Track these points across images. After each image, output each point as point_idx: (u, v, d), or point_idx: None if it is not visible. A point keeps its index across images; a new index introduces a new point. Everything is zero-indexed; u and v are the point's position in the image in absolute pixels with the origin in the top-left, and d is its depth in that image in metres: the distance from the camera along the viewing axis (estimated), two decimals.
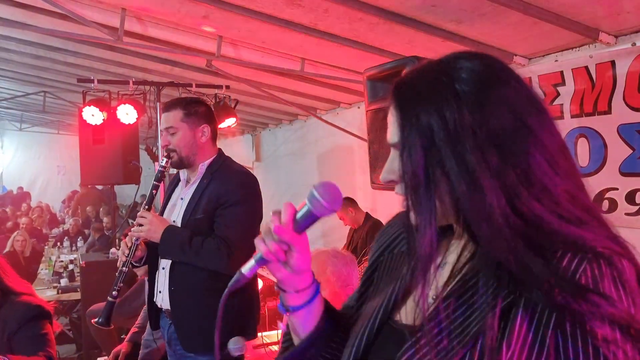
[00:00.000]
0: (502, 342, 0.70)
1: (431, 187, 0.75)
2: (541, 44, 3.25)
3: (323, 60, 4.19)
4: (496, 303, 0.72)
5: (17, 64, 6.44)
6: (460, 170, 0.73)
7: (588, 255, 0.69)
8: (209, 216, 2.27)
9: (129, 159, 5.08)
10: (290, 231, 0.85)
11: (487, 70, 0.77)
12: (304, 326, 0.95)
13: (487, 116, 0.73)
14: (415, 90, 0.79)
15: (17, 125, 13.57)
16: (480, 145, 0.72)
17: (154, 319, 2.48)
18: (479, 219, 0.73)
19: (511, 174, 0.72)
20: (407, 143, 0.77)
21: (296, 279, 0.90)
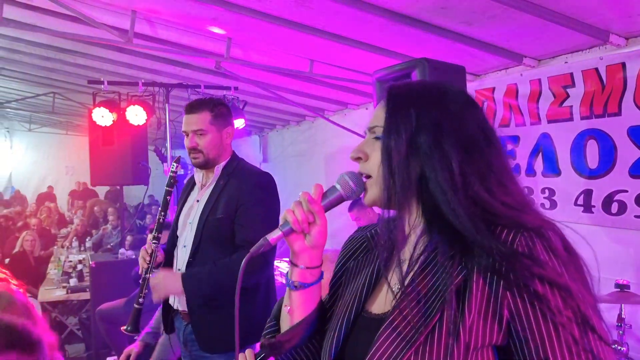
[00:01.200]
0: (464, 308, 0.85)
1: (409, 165, 0.93)
2: (551, 46, 3.24)
3: (332, 62, 4.20)
4: (453, 278, 0.86)
5: (27, 66, 6.48)
6: (438, 154, 0.92)
7: (521, 230, 0.86)
8: (228, 216, 2.27)
9: (137, 160, 5.11)
10: (320, 204, 0.99)
11: (469, 97, 1.01)
12: (304, 306, 1.04)
13: (464, 125, 0.94)
14: (410, 92, 1.00)
15: (26, 126, 13.67)
16: (455, 142, 0.92)
17: (168, 322, 2.48)
18: (447, 191, 0.90)
19: (473, 167, 0.92)
20: (392, 127, 0.95)
21: (311, 254, 1.01)
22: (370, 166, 0.99)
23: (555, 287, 0.83)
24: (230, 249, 2.28)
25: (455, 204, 0.90)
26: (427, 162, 0.92)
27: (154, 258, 2.35)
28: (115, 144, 4.99)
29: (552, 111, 3.36)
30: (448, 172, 0.91)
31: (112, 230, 8.22)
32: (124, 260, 4.97)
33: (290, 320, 1.04)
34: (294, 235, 0.99)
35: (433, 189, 0.92)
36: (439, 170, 0.91)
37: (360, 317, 1.00)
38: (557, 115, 3.33)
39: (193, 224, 2.36)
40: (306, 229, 0.98)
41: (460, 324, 0.84)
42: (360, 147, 1.01)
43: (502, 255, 0.84)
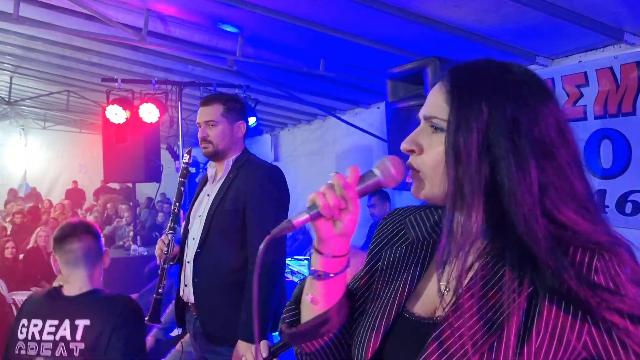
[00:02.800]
0: (532, 328, 0.77)
1: (480, 169, 0.81)
2: (564, 45, 3.22)
3: (344, 60, 4.20)
4: (520, 292, 0.78)
5: (43, 64, 6.55)
6: (515, 157, 0.80)
7: (597, 251, 0.77)
8: (236, 208, 2.31)
9: (150, 157, 5.15)
10: (354, 190, 0.87)
11: (547, 88, 0.87)
12: (328, 296, 0.94)
13: (542, 123, 0.82)
14: (479, 78, 0.86)
15: (41, 124, 13.82)
16: (533, 145, 0.81)
17: (179, 316, 2.51)
18: (523, 205, 0.79)
19: (551, 175, 0.81)
20: (461, 123, 0.82)
21: (339, 242, 0.90)
22: (424, 162, 0.87)
23: (633, 318, 0.76)
24: (238, 241, 2.31)
25: (531, 219, 0.79)
26: (501, 167, 0.80)
27: (171, 248, 2.39)
28: (128, 141, 5.03)
29: (566, 110, 3.32)
30: (525, 182, 0.79)
31: (126, 226, 8.28)
32: (136, 257, 5.01)
33: (314, 310, 0.94)
34: (322, 221, 0.87)
35: (506, 198, 0.80)
36: (515, 178, 0.79)
37: (402, 316, 0.91)
38: (570, 115, 3.27)
39: (202, 217, 2.39)
40: (336, 215, 0.86)
41: (525, 344, 0.76)
42: (414, 138, 0.88)
43: (578, 284, 0.76)
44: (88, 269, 2.06)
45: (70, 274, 2.05)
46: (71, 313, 1.94)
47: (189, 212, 2.55)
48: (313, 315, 0.95)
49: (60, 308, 1.96)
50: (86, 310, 1.95)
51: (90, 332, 1.89)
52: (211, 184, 2.50)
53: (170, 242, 2.41)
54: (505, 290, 0.79)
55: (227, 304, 2.29)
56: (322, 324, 0.94)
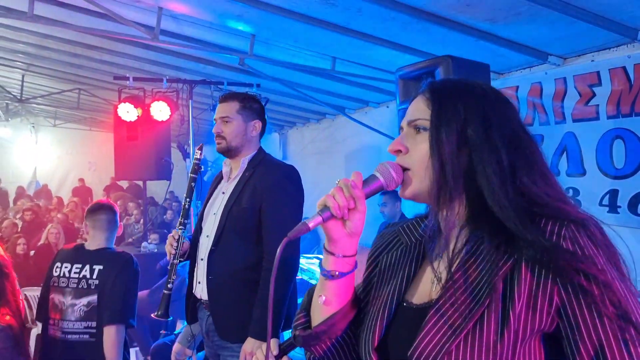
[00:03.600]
0: (513, 295, 0.86)
1: (459, 157, 0.94)
2: (577, 44, 3.21)
3: (354, 59, 4.21)
4: (500, 266, 0.88)
5: (55, 62, 6.61)
6: (488, 146, 0.94)
7: (565, 222, 0.88)
8: (253, 207, 2.32)
9: (160, 155, 5.18)
10: (361, 189, 0.96)
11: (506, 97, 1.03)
12: (340, 296, 1.02)
13: (508, 120, 0.98)
14: (454, 87, 1.01)
15: (51, 122, 13.92)
16: (503, 135, 0.95)
17: (190, 313, 2.53)
18: (492, 179, 0.92)
19: (521, 160, 0.95)
20: (442, 120, 0.96)
21: (348, 242, 0.99)
22: (411, 159, 0.98)
23: (598, 282, 0.84)
24: (253, 239, 2.32)
25: (502, 196, 0.91)
26: (476, 154, 0.94)
27: (181, 244, 2.40)
28: (139, 139, 5.06)
29: (578, 110, 3.32)
30: (497, 164, 0.93)
31: (135, 224, 8.34)
32: (146, 254, 5.04)
33: (326, 310, 1.02)
34: (333, 222, 0.96)
35: (480, 180, 0.93)
36: (488, 162, 0.93)
37: (401, 307, 1.00)
38: (582, 115, 3.30)
39: (217, 215, 2.40)
40: (346, 215, 0.95)
41: (510, 310, 0.85)
42: (400, 140, 1.00)
43: (544, 248, 0.86)
44: (107, 233, 2.89)
45: (94, 235, 2.87)
46: (91, 260, 2.79)
47: (203, 210, 2.56)
48: (325, 316, 1.02)
49: (84, 257, 2.81)
50: (101, 259, 2.79)
51: (103, 273, 2.74)
52: (226, 182, 2.51)
53: (180, 238, 2.42)
54: (485, 263, 0.90)
55: (240, 301, 2.30)
56: (335, 324, 1.02)
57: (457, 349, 0.86)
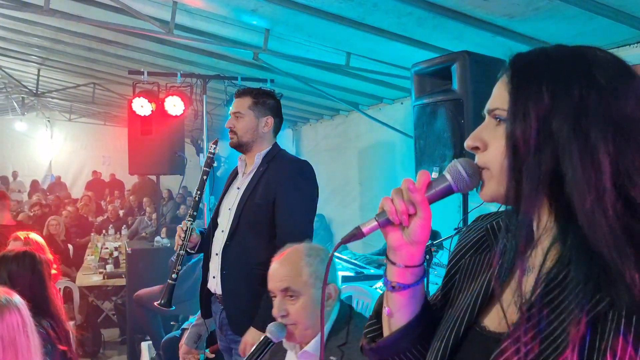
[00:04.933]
0: (606, 348, 0.67)
1: (541, 158, 0.74)
2: (596, 40, 3.15)
3: (369, 55, 4.18)
4: (587, 307, 0.69)
5: (70, 56, 6.66)
6: (579, 145, 0.72)
7: None
8: (266, 202, 2.32)
9: (174, 150, 5.19)
10: (423, 194, 0.83)
11: (624, 65, 0.78)
12: (405, 309, 0.91)
13: (617, 104, 0.73)
14: (541, 61, 0.79)
15: (66, 116, 14.06)
16: (605, 127, 0.72)
17: (204, 307, 2.55)
18: (586, 196, 0.71)
19: (630, 161, 0.72)
20: (519, 110, 0.76)
21: (410, 251, 0.87)
22: (489, 157, 0.81)
23: None
24: (267, 235, 2.32)
25: (598, 214, 0.70)
26: (564, 155, 0.73)
27: (189, 235, 2.40)
28: (153, 133, 5.08)
29: None
30: (592, 169, 0.71)
31: (148, 220, 8.39)
32: (159, 248, 5.06)
33: (390, 323, 0.92)
34: (391, 228, 0.85)
35: (570, 190, 0.73)
36: (579, 166, 0.72)
37: (473, 330, 0.84)
38: None
39: (232, 210, 2.42)
40: (405, 221, 0.83)
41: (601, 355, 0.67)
42: (477, 134, 0.83)
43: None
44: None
45: None
46: None
47: (218, 205, 2.57)
48: (391, 329, 0.92)
49: None
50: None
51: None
52: (241, 177, 2.52)
53: (188, 230, 2.42)
54: (571, 300, 0.72)
55: (254, 296, 2.30)
56: (401, 339, 0.91)
57: None
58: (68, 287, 5.59)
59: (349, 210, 6.63)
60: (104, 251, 6.75)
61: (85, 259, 6.94)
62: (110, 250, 6.77)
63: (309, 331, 1.68)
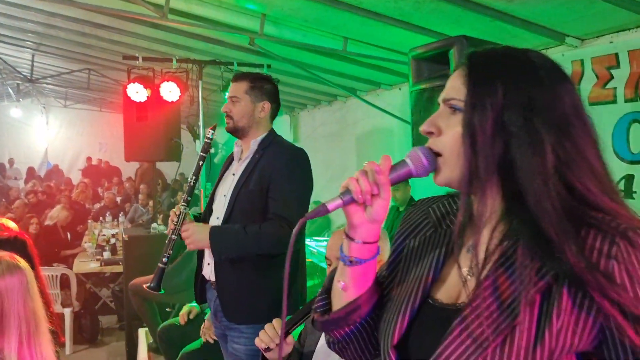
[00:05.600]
0: (552, 311, 0.78)
1: (494, 146, 0.84)
2: (596, 24, 3.12)
3: (366, 40, 4.14)
4: (538, 277, 0.80)
5: (64, 41, 6.59)
6: (529, 135, 0.83)
7: (616, 238, 0.77)
8: (261, 189, 2.31)
9: (170, 136, 5.15)
10: (386, 175, 0.90)
11: (563, 70, 0.90)
12: (359, 283, 0.97)
13: (558, 102, 0.85)
14: (496, 61, 0.90)
15: (62, 102, 13.98)
16: (548, 121, 0.83)
17: (199, 293, 2.54)
18: (534, 179, 0.81)
19: (568, 151, 0.83)
20: (477, 102, 0.85)
21: (369, 228, 0.93)
22: (443, 143, 0.89)
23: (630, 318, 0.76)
24: (261, 221, 2.31)
25: (544, 196, 0.81)
26: (515, 144, 0.83)
27: (181, 220, 2.39)
28: (149, 120, 5.03)
29: (595, 93, 3.24)
30: (539, 157, 0.82)
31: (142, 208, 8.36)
32: (156, 235, 5.05)
33: (345, 296, 0.97)
34: (354, 206, 0.91)
35: (520, 175, 0.83)
36: (529, 154, 0.82)
37: (426, 303, 0.92)
38: (599, 98, 3.22)
39: (227, 196, 2.40)
40: (368, 201, 0.89)
41: (546, 328, 0.78)
42: (432, 120, 0.91)
43: (580, 269, 0.77)
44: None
45: None
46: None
47: (214, 191, 2.55)
48: (344, 302, 0.98)
49: None
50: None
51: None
52: (237, 163, 2.50)
53: (182, 214, 2.40)
54: (521, 272, 0.81)
55: (248, 283, 2.31)
56: (353, 311, 0.97)
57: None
58: (65, 274, 5.59)
59: None
60: (101, 238, 6.75)
61: (83, 246, 6.94)
62: (108, 237, 6.76)
63: None
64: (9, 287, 1.71)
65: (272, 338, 1.65)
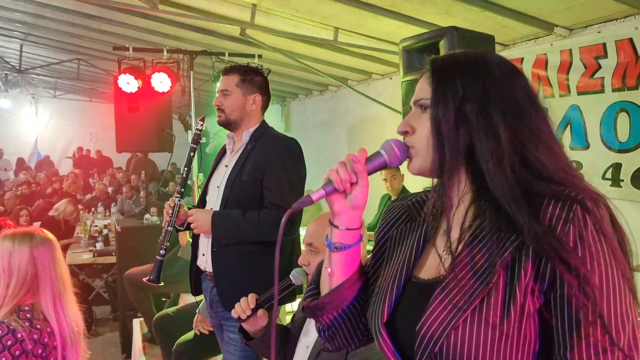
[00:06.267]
0: (520, 272, 0.87)
1: (458, 135, 0.94)
2: (584, 15, 3.16)
3: (357, 30, 4.15)
4: (505, 245, 0.89)
5: (53, 32, 6.54)
6: (485, 122, 0.93)
7: (571, 204, 0.86)
8: (254, 180, 2.34)
9: (162, 127, 5.15)
10: (363, 165, 0.99)
11: (513, 65, 1.01)
12: (344, 268, 1.05)
13: (510, 92, 0.95)
14: (454, 62, 1.00)
15: (51, 93, 13.85)
16: (503, 109, 0.93)
17: (194, 285, 2.57)
18: (489, 160, 0.91)
19: (524, 132, 0.93)
20: (440, 98, 0.96)
21: (351, 215, 1.02)
22: (416, 139, 0.99)
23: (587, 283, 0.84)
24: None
25: (498, 174, 0.91)
26: (474, 131, 0.93)
27: (176, 212, 2.42)
28: (140, 111, 5.02)
29: (583, 83, 3.29)
30: (494, 141, 0.92)
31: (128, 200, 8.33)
32: (148, 226, 5.05)
33: (331, 282, 1.06)
34: (336, 195, 1.00)
35: (479, 158, 0.93)
36: (485, 139, 0.92)
37: (410, 282, 1.01)
38: (587, 87, 3.27)
39: (220, 188, 2.42)
40: (348, 189, 0.99)
41: (517, 287, 0.86)
42: (407, 121, 1.01)
43: (534, 234, 0.86)
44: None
45: None
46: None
47: (207, 182, 2.57)
48: (331, 287, 1.06)
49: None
50: None
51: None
52: (229, 155, 2.52)
53: (176, 206, 2.44)
54: (491, 242, 0.90)
55: (244, 273, 2.34)
56: (339, 295, 1.05)
57: (464, 324, 0.87)
58: None
59: None
60: (93, 229, 6.74)
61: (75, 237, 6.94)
62: (100, 228, 6.76)
63: None
64: (42, 255, 2.01)
65: (244, 310, 1.89)
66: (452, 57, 1.02)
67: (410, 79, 2.99)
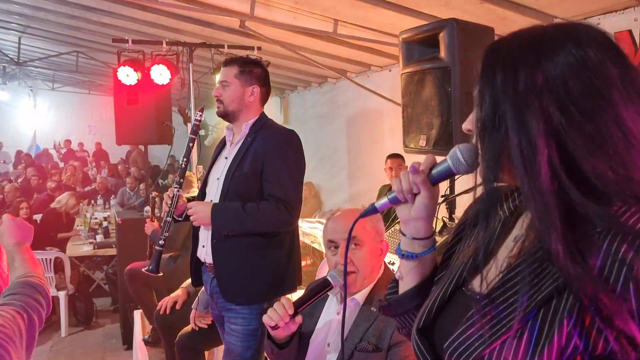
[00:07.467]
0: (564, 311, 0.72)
1: (496, 139, 0.78)
2: (582, 6, 3.16)
3: (356, 22, 4.14)
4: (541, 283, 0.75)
5: (52, 24, 6.52)
6: (518, 124, 0.75)
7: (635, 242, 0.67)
8: (254, 172, 2.35)
9: (162, 119, 5.14)
10: (423, 177, 0.93)
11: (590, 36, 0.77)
12: (412, 275, 1.03)
13: (562, 82, 0.74)
14: (501, 47, 0.82)
15: (49, 85, 13.82)
16: (544, 105, 0.74)
17: (194, 276, 2.59)
18: (525, 177, 0.75)
19: (575, 137, 0.73)
20: (479, 95, 0.82)
21: (416, 225, 0.98)
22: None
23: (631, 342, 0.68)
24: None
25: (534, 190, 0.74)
26: (509, 135, 0.77)
27: (175, 202, 2.44)
28: (139, 103, 5.02)
29: None
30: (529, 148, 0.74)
31: (130, 191, 8.35)
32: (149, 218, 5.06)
33: (401, 287, 1.05)
34: (401, 205, 0.97)
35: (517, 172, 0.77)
36: (516, 146, 0.75)
37: (460, 291, 0.92)
38: None
39: (220, 180, 2.44)
40: (410, 199, 0.94)
41: (556, 329, 0.71)
42: (470, 117, 0.87)
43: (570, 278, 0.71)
44: None
45: None
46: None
47: (207, 174, 2.58)
48: (400, 292, 1.05)
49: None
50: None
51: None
52: (229, 147, 2.53)
53: (175, 196, 2.46)
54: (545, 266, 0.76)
55: (244, 264, 2.35)
56: (407, 299, 1.03)
57: (490, 355, 0.77)
58: (59, 257, 5.62)
59: (338, 178, 6.66)
60: (93, 221, 6.76)
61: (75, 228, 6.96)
62: (100, 220, 6.78)
63: (366, 281, 1.81)
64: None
65: (282, 317, 1.65)
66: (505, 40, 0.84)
67: (410, 71, 2.99)
